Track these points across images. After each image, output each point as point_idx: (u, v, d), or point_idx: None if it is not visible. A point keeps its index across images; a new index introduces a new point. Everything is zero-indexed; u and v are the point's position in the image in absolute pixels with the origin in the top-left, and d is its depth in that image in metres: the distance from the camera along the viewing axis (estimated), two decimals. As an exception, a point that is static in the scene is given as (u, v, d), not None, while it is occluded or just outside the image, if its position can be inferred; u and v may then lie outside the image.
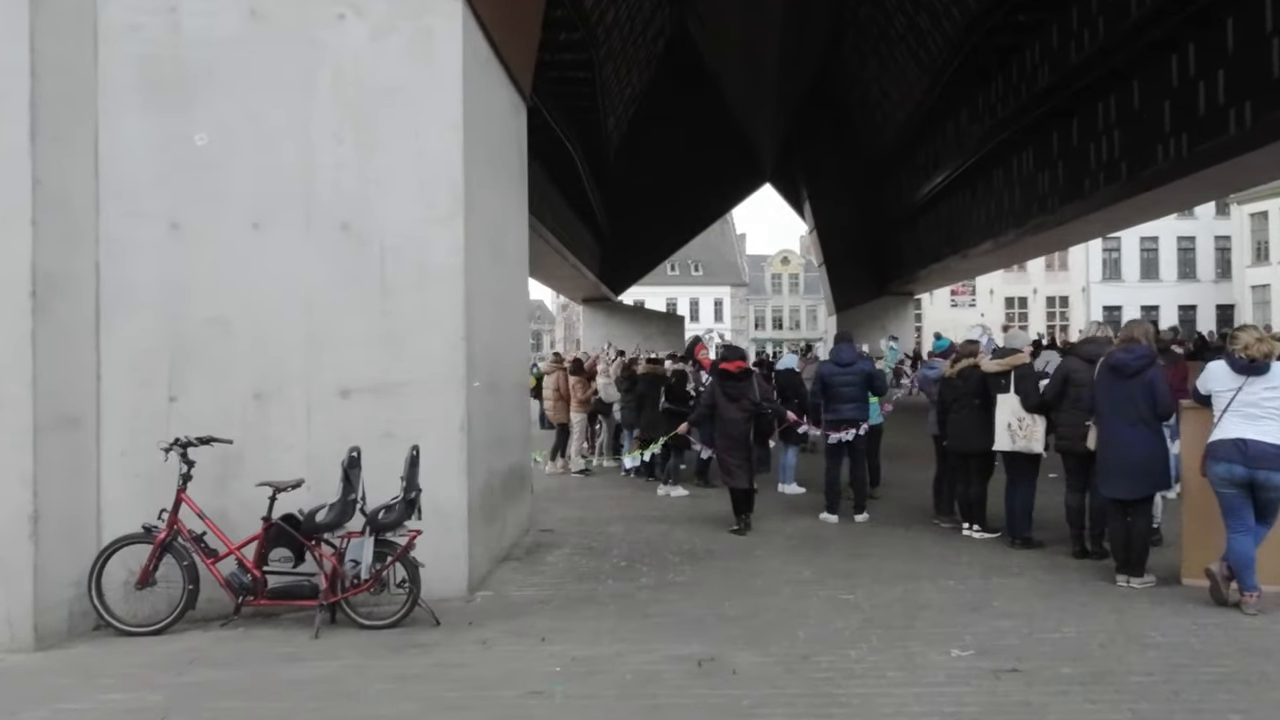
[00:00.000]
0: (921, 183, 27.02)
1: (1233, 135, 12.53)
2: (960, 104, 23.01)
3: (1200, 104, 13.23)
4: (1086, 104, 16.73)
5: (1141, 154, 14.87)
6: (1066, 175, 17.89)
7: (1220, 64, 12.73)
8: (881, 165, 31.25)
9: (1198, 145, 13.32)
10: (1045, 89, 17.64)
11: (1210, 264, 43.49)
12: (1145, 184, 15.07)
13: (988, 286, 43.51)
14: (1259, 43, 11.80)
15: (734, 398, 6.84)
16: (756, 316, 73.88)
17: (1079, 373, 5.41)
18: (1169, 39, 13.73)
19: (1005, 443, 5.85)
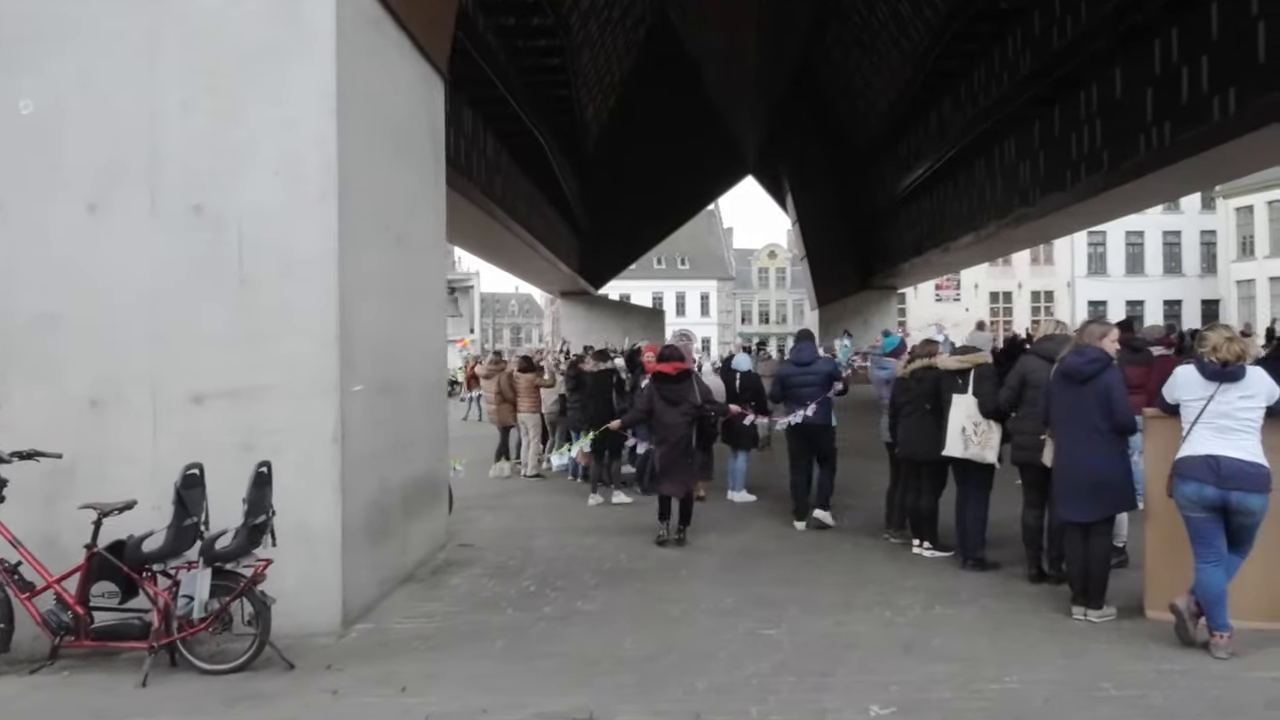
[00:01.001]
0: (903, 174, 26.51)
1: (1216, 123, 12.01)
2: (943, 93, 22.49)
3: (1183, 91, 12.71)
4: (1068, 92, 16.22)
5: (1123, 143, 14.35)
6: (1048, 166, 17.38)
7: (1204, 49, 12.21)
8: (864, 157, 30.73)
9: (1180, 134, 12.80)
10: (1027, 76, 17.10)
11: (1196, 258, 43.19)
12: (1127, 174, 14.56)
13: (972, 281, 43.11)
14: (1244, 27, 11.27)
15: (673, 401, 6.29)
16: (744, 310, 73.45)
17: (1037, 374, 4.82)
18: (1151, 24, 13.20)
19: (957, 448, 5.26)
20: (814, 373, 6.77)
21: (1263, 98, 10.96)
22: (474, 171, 16.35)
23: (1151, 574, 4.29)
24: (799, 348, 7.05)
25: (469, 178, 15.89)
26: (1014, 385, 4.99)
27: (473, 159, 16.28)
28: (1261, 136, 11.59)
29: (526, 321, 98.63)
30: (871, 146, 29.57)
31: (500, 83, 15.63)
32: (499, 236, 20.19)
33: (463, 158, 15.40)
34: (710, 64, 30.67)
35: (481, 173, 16.99)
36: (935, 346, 5.84)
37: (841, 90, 30.85)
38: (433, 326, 6.16)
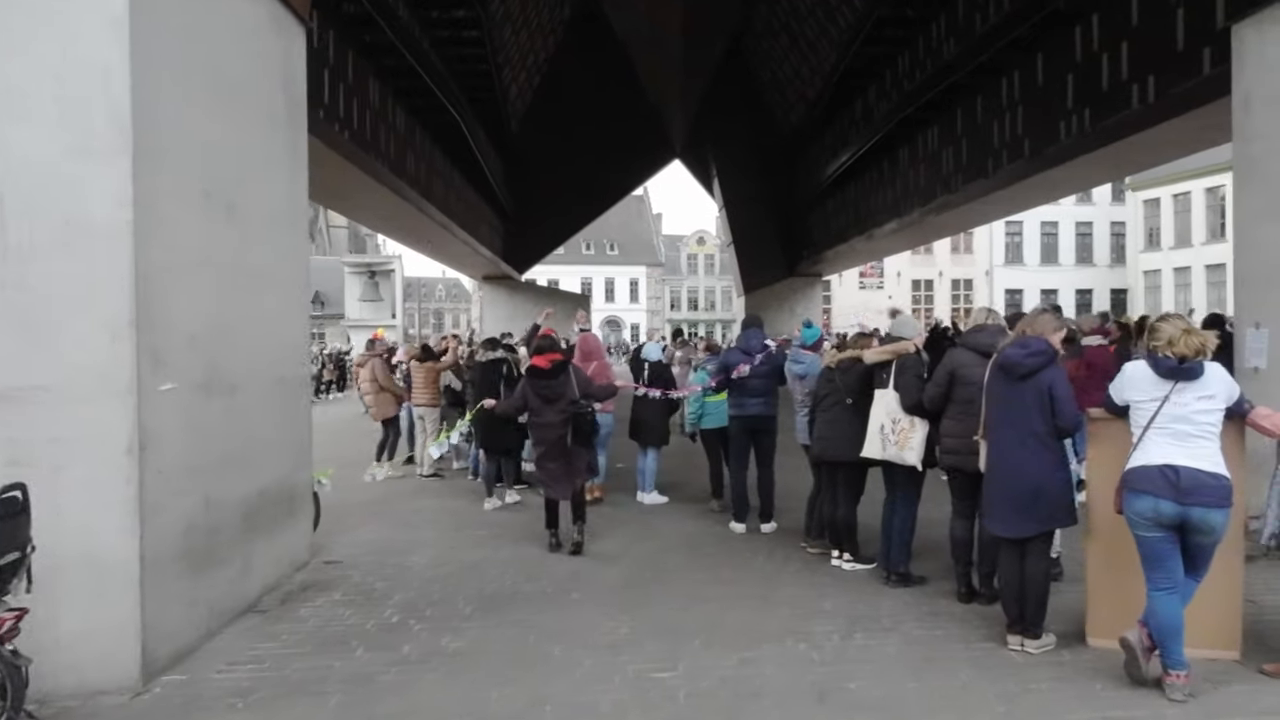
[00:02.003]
0: (829, 161, 26.31)
1: (1135, 110, 11.88)
2: (868, 80, 22.29)
3: (1104, 78, 12.56)
4: (990, 79, 16.04)
5: (1044, 130, 14.21)
6: (970, 153, 17.25)
7: (1124, 36, 12.05)
8: (790, 143, 30.49)
9: (1100, 121, 12.66)
10: (949, 63, 16.91)
11: (1106, 249, 44.59)
12: (1048, 161, 14.43)
13: (895, 269, 43.65)
14: (1163, 14, 11.10)
15: (549, 398, 5.65)
16: (673, 297, 73.31)
17: (968, 369, 4.28)
18: (1073, 10, 13.03)
19: (874, 448, 4.72)
20: (763, 362, 6.18)
21: (1181, 85, 10.83)
22: (382, 147, 15.29)
23: (1094, 595, 3.78)
24: (748, 334, 6.38)
25: (376, 154, 14.85)
26: (941, 381, 4.42)
27: (380, 133, 15.22)
28: (1180, 124, 11.50)
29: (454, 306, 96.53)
30: (798, 133, 29.34)
31: (410, 53, 14.61)
32: (412, 218, 19.12)
33: (368, 132, 14.36)
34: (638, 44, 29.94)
35: (390, 149, 15.93)
36: (870, 340, 5.27)
37: (769, 76, 30.55)
38: (287, 313, 5.28)
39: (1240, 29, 5.50)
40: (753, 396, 6.16)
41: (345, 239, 70.44)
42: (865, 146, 22.43)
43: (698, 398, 7.04)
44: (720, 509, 6.99)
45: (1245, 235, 5.47)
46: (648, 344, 7.58)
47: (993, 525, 3.92)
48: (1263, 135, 5.29)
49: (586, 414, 5.56)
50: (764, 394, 6.20)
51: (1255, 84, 5.40)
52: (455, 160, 22.07)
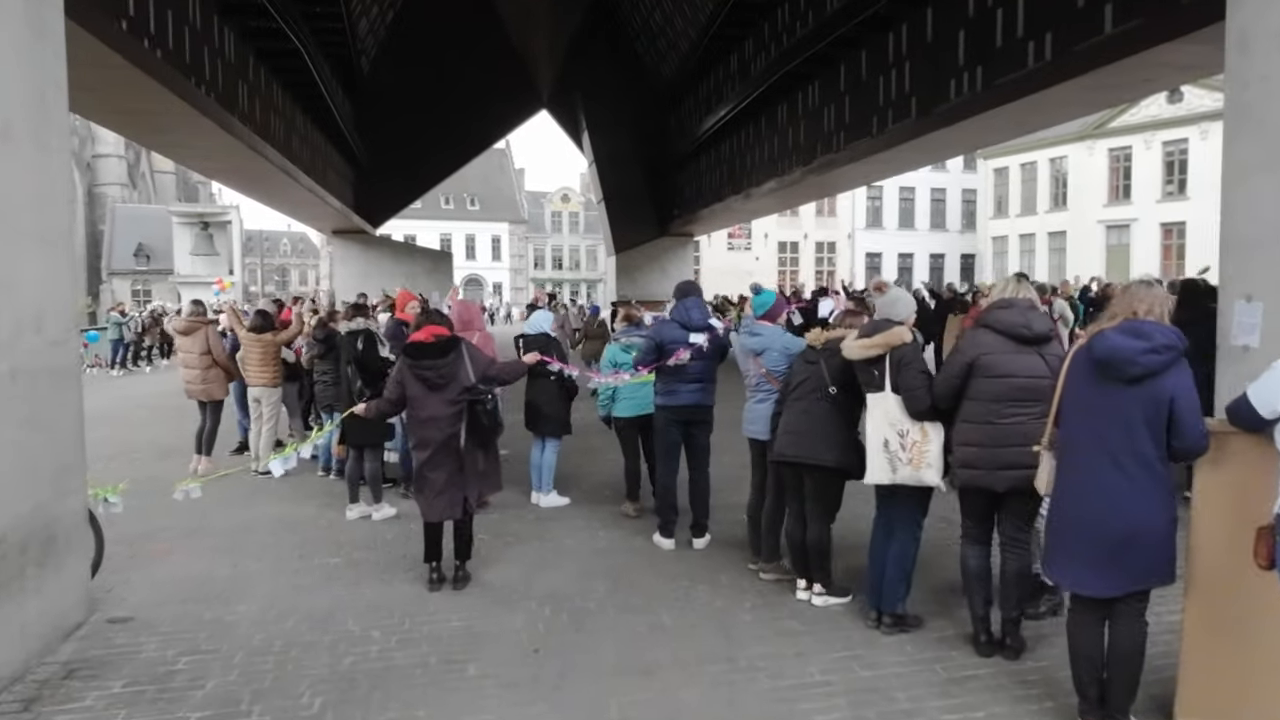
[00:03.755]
0: (704, 117, 25.40)
1: (1032, 69, 11.46)
2: (745, 32, 21.42)
3: (998, 35, 12.10)
4: (876, 34, 15.44)
5: (934, 88, 13.71)
6: (854, 111, 16.69)
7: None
8: (664, 97, 29.36)
9: (994, 79, 12.22)
10: (832, 16, 16.20)
11: (958, 215, 46.45)
12: (938, 121, 13.96)
13: (762, 231, 43.76)
14: (1064, -33, 10.67)
15: (433, 384, 4.26)
16: (536, 255, 71.36)
17: (994, 357, 3.32)
18: (968, -38, 12.49)
19: (881, 471, 3.63)
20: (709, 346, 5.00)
21: (1080, 44, 10.44)
22: (206, 73, 12.96)
23: (1189, 666, 2.82)
24: (685, 306, 5.10)
25: (199, 80, 12.55)
26: (957, 372, 3.39)
27: (203, 57, 12.86)
28: (1077, 85, 11.15)
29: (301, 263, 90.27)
30: (672, 87, 28.24)
31: (237, -39, 12.40)
32: (246, 160, 16.64)
33: (188, 53, 12.05)
34: (501, -18, 27.81)
35: (219, 77, 13.58)
36: (861, 317, 4.07)
37: (640, 24, 29.19)
38: (32, 270, 3.65)
39: (1245, -47, 4.73)
40: (688, 382, 4.96)
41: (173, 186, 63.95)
42: (743, 102, 21.64)
43: (603, 367, 5.87)
44: (636, 513, 5.86)
45: (1235, 192, 4.75)
46: (536, 313, 6.22)
47: (1062, 577, 2.91)
48: (1262, 77, 4.55)
49: (486, 405, 4.21)
50: (702, 378, 5.03)
51: (1254, 19, 4.64)
52: (298, 98, 19.56)
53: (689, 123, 27.66)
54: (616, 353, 5.93)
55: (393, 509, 5.98)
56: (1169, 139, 33.73)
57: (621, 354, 5.93)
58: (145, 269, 48.75)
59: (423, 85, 27.42)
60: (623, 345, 5.99)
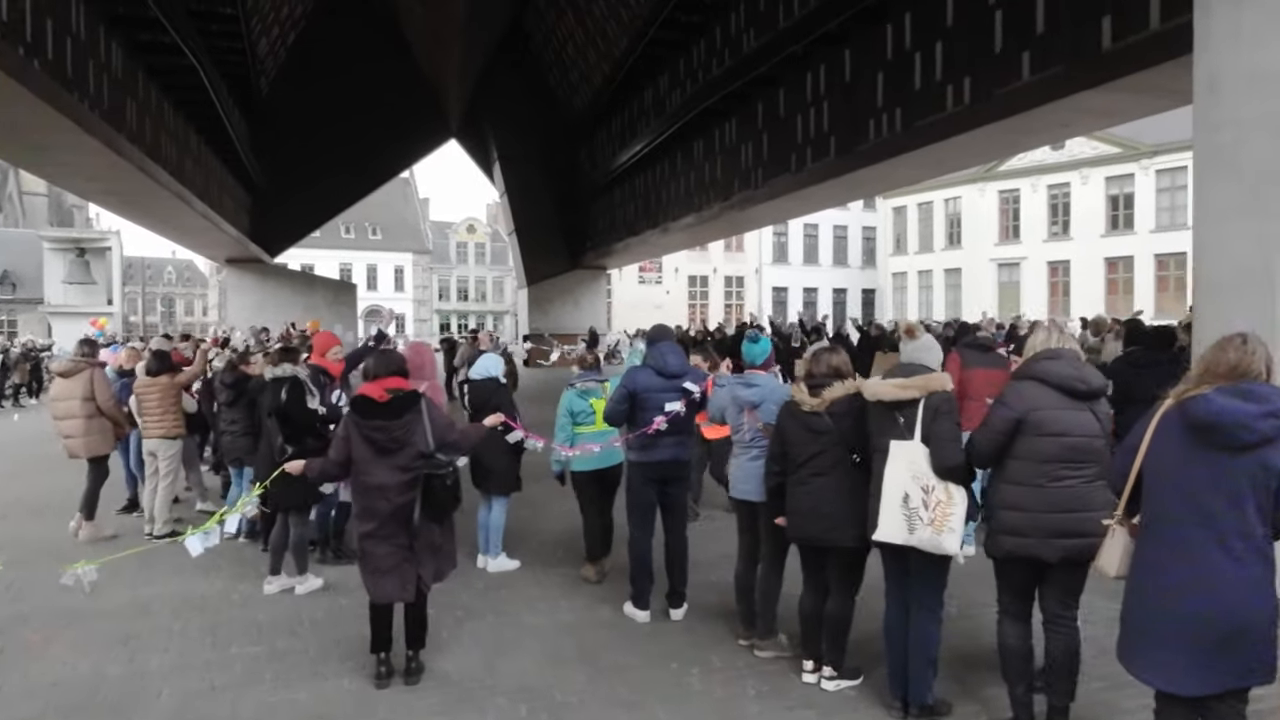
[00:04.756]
0: (619, 150, 25.37)
1: (951, 112, 11.75)
2: (661, 67, 21.53)
3: (916, 77, 12.39)
4: (794, 73, 15.69)
5: (853, 128, 13.96)
6: (772, 148, 16.87)
7: (938, 36, 11.91)
8: (577, 129, 29.26)
9: (914, 121, 12.50)
10: (750, 55, 16.41)
11: (859, 252, 47.98)
12: (857, 160, 14.20)
13: (673, 265, 44.02)
14: (980, 15, 10.99)
15: (385, 448, 3.65)
16: (441, 286, 69.90)
17: (1047, 413, 3.02)
18: (883, 7, 12.80)
19: (895, 528, 3.25)
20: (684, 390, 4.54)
21: (999, 89, 10.73)
22: (91, 88, 11.92)
23: None
24: (661, 352, 4.63)
25: (83, 95, 11.52)
26: (1002, 429, 3.09)
27: (87, 71, 11.82)
28: (997, 129, 11.47)
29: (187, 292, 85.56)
30: (585, 119, 28.18)
31: (127, -28, 11.48)
32: (134, 183, 15.42)
33: (69, 66, 11.04)
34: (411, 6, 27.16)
35: (104, 93, 12.51)
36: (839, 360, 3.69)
37: (554, 57, 29.06)
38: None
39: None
40: (666, 435, 4.51)
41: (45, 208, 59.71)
42: (659, 137, 21.69)
43: (563, 425, 5.38)
44: (597, 578, 5.35)
45: (1210, 235, 4.76)
46: (485, 357, 5.66)
47: (1150, 674, 2.52)
48: (1234, 120, 4.58)
49: (445, 478, 3.63)
50: (681, 430, 4.61)
51: (1224, 60, 4.68)
52: (192, 118, 18.40)
53: (603, 156, 27.57)
54: (573, 400, 5.46)
55: (319, 580, 5.25)
56: (1053, 183, 35.80)
57: (579, 401, 5.46)
58: (10, 298, 45.08)
59: (326, 110, 26.41)
60: (579, 391, 5.51)
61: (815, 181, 15.72)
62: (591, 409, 5.43)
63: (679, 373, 4.57)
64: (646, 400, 4.55)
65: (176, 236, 25.33)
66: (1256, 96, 4.42)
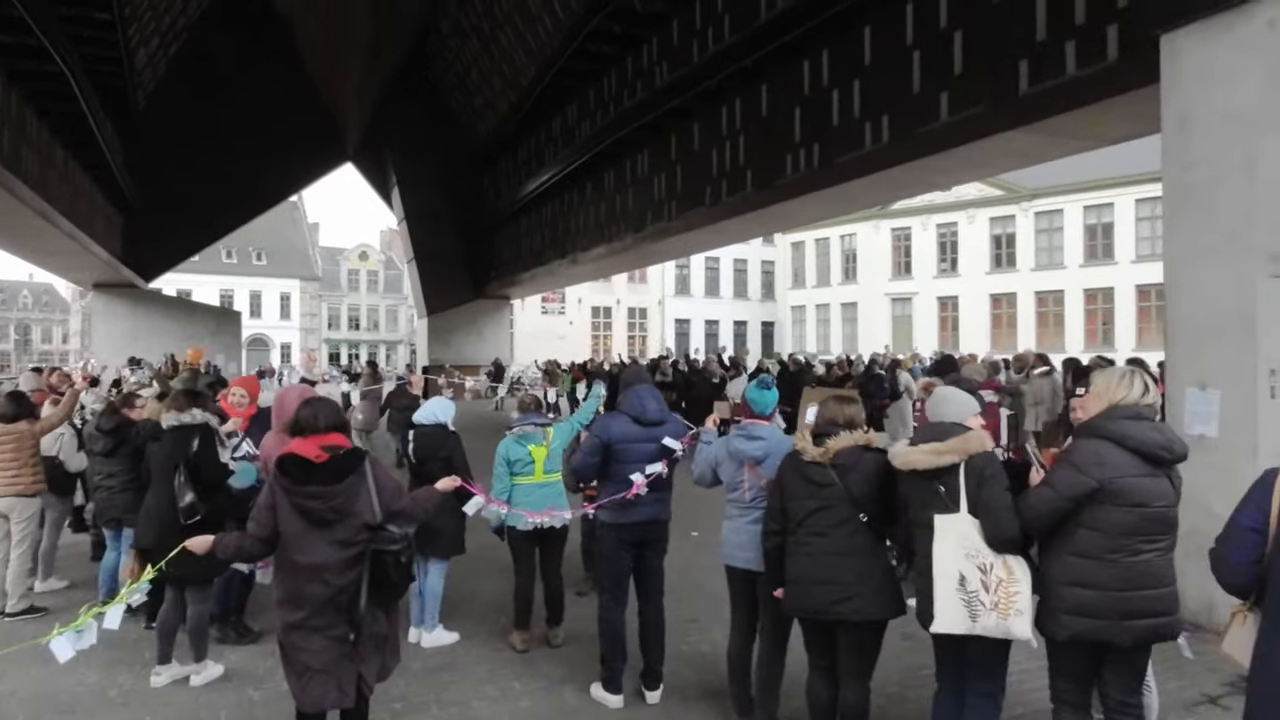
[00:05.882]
0: (525, 179, 24.90)
1: (870, 150, 11.86)
2: (570, 96, 21.29)
3: (834, 114, 12.49)
4: (709, 106, 15.67)
5: (770, 162, 13.98)
6: (686, 181, 16.77)
7: (856, 74, 12.04)
8: (481, 156, 28.62)
9: (832, 158, 12.57)
10: (664, 88, 16.34)
11: (759, 285, 48.89)
12: (775, 195, 14.22)
13: (576, 296, 43.61)
14: (898, 55, 11.16)
15: (322, 520, 2.96)
16: (331, 315, 67.19)
17: (1127, 480, 2.68)
18: (800, 44, 12.89)
19: (957, 619, 2.82)
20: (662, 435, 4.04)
21: (918, 129, 10.87)
22: (-64, 91, 10.59)
23: None
24: (638, 396, 4.10)
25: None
26: (1071, 495, 2.71)
27: (-67, 71, 10.51)
28: (915, 167, 11.63)
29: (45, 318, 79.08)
30: (489, 146, 27.60)
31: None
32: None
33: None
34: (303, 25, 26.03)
35: (-48, 97, 11.17)
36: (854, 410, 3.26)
37: (457, 82, 28.42)
38: None
39: (1174, 39, 4.75)
40: (648, 490, 3.96)
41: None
42: (568, 167, 21.37)
43: (500, 474, 4.80)
44: (523, 646, 4.76)
45: (1183, 276, 4.66)
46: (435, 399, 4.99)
47: None
48: (1206, 159, 4.52)
49: (399, 554, 2.95)
50: (662, 486, 4.08)
51: (1195, 100, 4.63)
52: (59, 130, 16.83)
53: (508, 184, 27.01)
54: (510, 448, 4.89)
55: (219, 666, 4.40)
56: (942, 221, 37.46)
57: (516, 448, 4.89)
58: None
59: (211, 127, 24.87)
60: (516, 437, 4.93)
61: (731, 215, 15.67)
62: (530, 457, 4.85)
63: (659, 420, 4.06)
64: (623, 452, 4.00)
65: (39, 259, 23.17)
66: (1229, 136, 4.36)
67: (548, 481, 4.88)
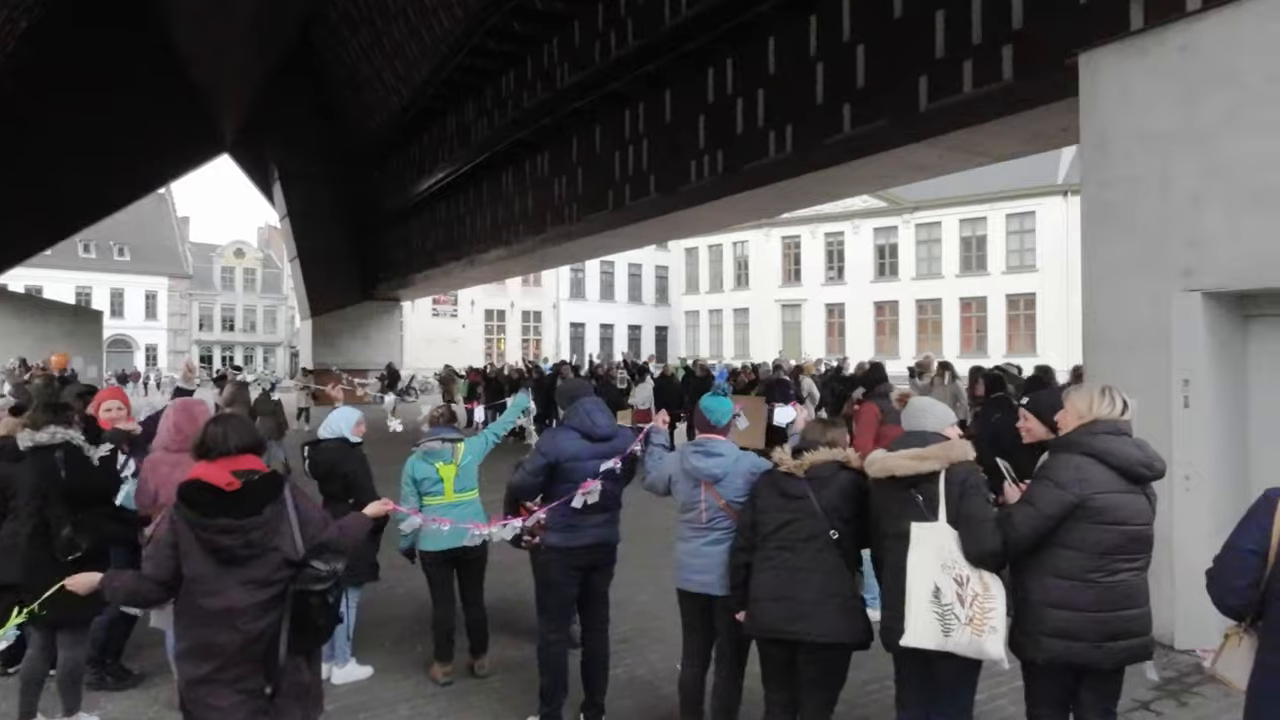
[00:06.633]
0: (419, 177, 24.10)
1: (774, 159, 11.98)
2: (466, 94, 20.74)
3: (739, 122, 12.57)
4: (612, 109, 15.54)
5: (675, 169, 13.95)
6: (588, 184, 16.57)
7: (760, 83, 12.16)
8: (371, 152, 27.51)
9: (737, 166, 12.64)
10: (566, 90, 16.12)
11: (653, 290, 49.21)
12: (680, 201, 14.21)
13: (469, 298, 42.65)
14: (802, 65, 11.33)
15: (235, 557, 2.56)
16: (203, 315, 63.40)
17: (1108, 496, 2.65)
18: (705, 51, 12.93)
19: (928, 633, 2.70)
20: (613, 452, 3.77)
21: (824, 139, 11.03)
22: None
23: None
24: (587, 410, 3.83)
25: None
26: (1055, 513, 2.66)
27: None
28: (819, 178, 11.83)
29: None
30: (380, 142, 26.56)
31: None
32: None
33: None
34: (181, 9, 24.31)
35: None
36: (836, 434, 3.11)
37: (347, 75, 27.23)
38: None
39: (1093, 59, 4.90)
40: (595, 511, 3.69)
41: None
42: (464, 166, 20.83)
43: (407, 496, 4.44)
44: (446, 679, 4.39)
45: (1101, 292, 4.80)
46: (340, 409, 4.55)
47: None
48: (1126, 178, 4.67)
49: (326, 594, 2.57)
50: (611, 506, 3.79)
51: (1112, 120, 4.78)
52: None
53: (400, 182, 26.07)
54: (417, 466, 4.52)
55: (94, 718, 3.88)
56: (829, 230, 38.69)
57: (423, 467, 4.53)
58: None
59: (68, 111, 22.89)
60: (423, 454, 4.54)
61: (635, 220, 15.57)
62: (439, 476, 4.51)
63: (609, 435, 3.80)
64: (571, 471, 3.71)
65: None
66: (1145, 155, 4.51)
67: (460, 501, 4.54)
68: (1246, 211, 4.23)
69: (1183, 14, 4.60)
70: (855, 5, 10.13)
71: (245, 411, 12.12)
